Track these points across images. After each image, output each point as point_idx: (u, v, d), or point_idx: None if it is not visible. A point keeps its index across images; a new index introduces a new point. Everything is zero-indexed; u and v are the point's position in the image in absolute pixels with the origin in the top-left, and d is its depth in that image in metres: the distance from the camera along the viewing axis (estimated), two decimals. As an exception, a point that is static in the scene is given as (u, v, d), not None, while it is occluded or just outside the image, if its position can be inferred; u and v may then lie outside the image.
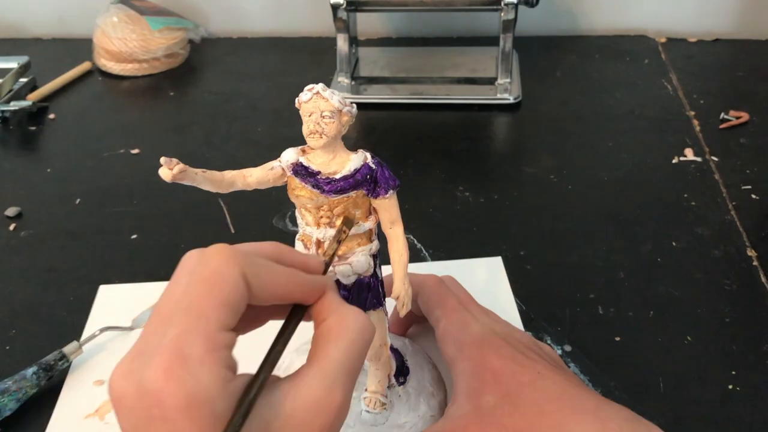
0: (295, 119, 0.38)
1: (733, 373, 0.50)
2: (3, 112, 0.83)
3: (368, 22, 0.99)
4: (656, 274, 0.59)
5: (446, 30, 1.00)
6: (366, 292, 0.41)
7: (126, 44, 0.91)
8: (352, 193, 0.38)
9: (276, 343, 0.32)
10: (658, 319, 0.55)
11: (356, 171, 0.38)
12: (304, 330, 0.34)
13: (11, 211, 0.69)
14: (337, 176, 0.38)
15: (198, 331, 0.28)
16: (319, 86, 0.37)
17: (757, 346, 0.52)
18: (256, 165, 0.38)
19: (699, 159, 0.73)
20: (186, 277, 0.29)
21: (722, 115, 0.79)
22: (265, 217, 0.67)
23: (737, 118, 0.79)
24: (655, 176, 0.71)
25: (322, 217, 0.39)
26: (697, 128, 0.78)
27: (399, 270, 0.40)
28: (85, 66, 0.94)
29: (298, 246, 0.40)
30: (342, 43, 0.84)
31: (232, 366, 0.28)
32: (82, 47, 0.96)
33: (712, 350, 0.52)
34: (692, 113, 0.81)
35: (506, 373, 0.41)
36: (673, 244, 0.62)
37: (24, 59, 0.90)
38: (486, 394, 0.40)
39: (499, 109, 0.83)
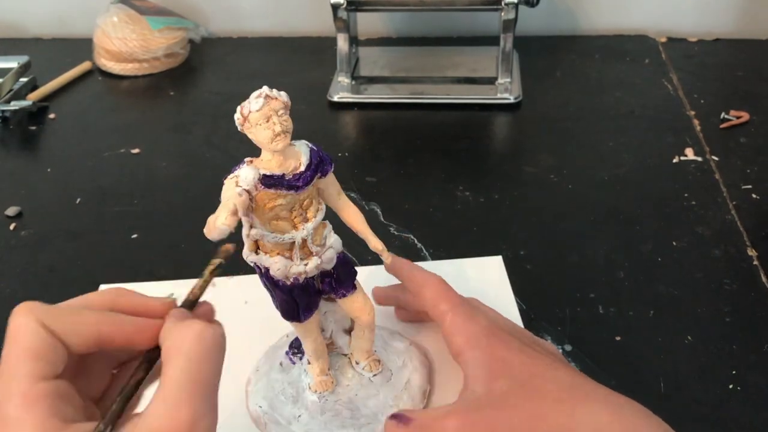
0: (296, 119, 0.38)
1: (734, 372, 0.50)
2: (3, 111, 0.83)
3: (368, 22, 0.99)
4: (656, 273, 0.59)
5: (446, 30, 1.00)
6: (347, 266, 0.43)
7: (126, 44, 0.91)
8: (315, 180, 0.39)
9: (122, 390, 0.31)
10: (659, 318, 0.55)
11: (311, 158, 0.39)
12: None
13: (11, 211, 0.69)
14: (302, 169, 0.39)
15: (11, 390, 0.28)
16: (264, 89, 0.37)
17: (758, 345, 0.52)
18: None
19: (699, 159, 0.73)
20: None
21: (723, 115, 0.79)
22: (265, 216, 0.67)
23: (738, 117, 0.79)
24: (655, 176, 0.71)
25: (296, 217, 0.39)
26: (698, 128, 0.78)
27: (366, 227, 0.43)
28: (85, 66, 0.94)
29: (277, 262, 0.40)
30: (342, 43, 0.84)
31: (63, 414, 0.28)
32: (82, 47, 0.96)
33: (712, 350, 0.52)
34: (692, 113, 0.81)
35: (516, 363, 0.41)
36: (674, 243, 0.62)
37: (24, 59, 0.90)
38: (499, 380, 0.40)
39: (499, 109, 0.83)
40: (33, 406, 0.28)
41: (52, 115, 0.85)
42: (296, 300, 0.42)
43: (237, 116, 0.38)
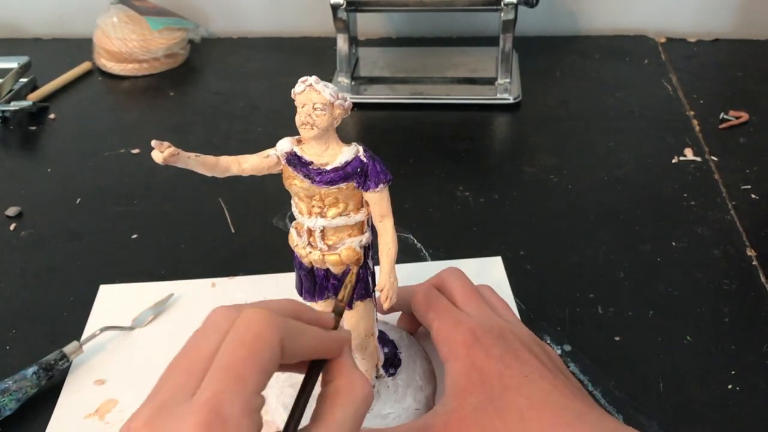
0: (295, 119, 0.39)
1: (733, 373, 0.50)
2: (3, 112, 0.83)
3: (368, 22, 0.99)
4: (656, 273, 0.59)
5: (446, 30, 1.00)
6: (355, 282, 0.41)
7: (126, 44, 0.91)
8: (343, 185, 0.39)
9: (299, 400, 0.33)
10: (658, 319, 0.55)
11: (347, 163, 0.39)
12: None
13: (11, 211, 0.69)
14: (328, 167, 0.38)
15: (237, 392, 0.28)
16: (312, 78, 0.37)
17: (757, 346, 0.52)
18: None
19: (699, 159, 0.73)
20: (218, 335, 0.30)
21: (722, 115, 0.80)
22: (265, 216, 0.67)
23: (737, 118, 0.79)
24: (655, 176, 0.71)
25: (313, 206, 0.40)
26: (697, 128, 0.78)
27: (385, 263, 0.40)
28: (85, 66, 0.94)
29: (292, 233, 0.41)
30: (342, 43, 0.84)
31: (260, 429, 0.29)
32: (82, 47, 0.96)
33: (712, 350, 0.52)
34: (692, 113, 0.81)
35: (493, 374, 0.41)
36: (673, 243, 0.62)
37: (24, 59, 0.90)
38: (470, 396, 0.41)
39: (499, 109, 0.83)
40: (250, 415, 0.28)
41: (52, 116, 0.85)
42: (301, 277, 0.43)
43: (292, 90, 0.38)
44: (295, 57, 0.96)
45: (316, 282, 0.42)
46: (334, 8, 0.81)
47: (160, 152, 0.37)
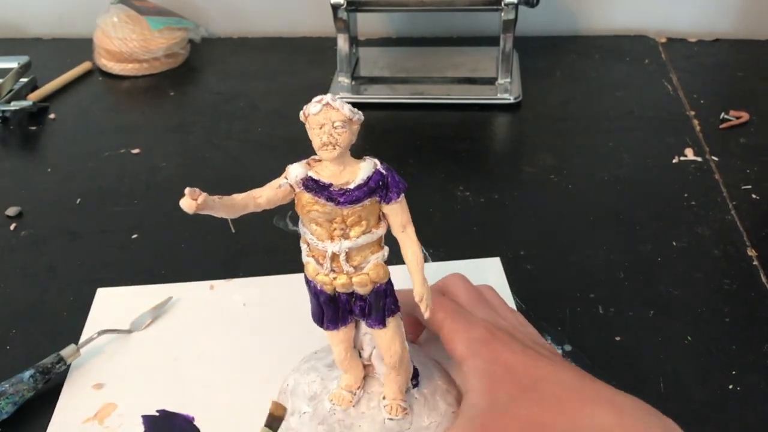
0: (295, 119, 0.38)
1: (734, 373, 0.50)
2: (3, 112, 0.83)
3: (368, 22, 0.99)
4: (656, 273, 0.59)
5: (446, 30, 1.00)
6: (384, 299, 0.40)
7: (126, 44, 0.91)
8: (367, 202, 0.38)
9: None
10: (658, 318, 0.55)
11: (369, 179, 0.37)
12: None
13: (11, 211, 0.69)
14: (351, 186, 0.37)
15: None
16: (328, 96, 0.36)
17: (758, 346, 0.52)
18: (256, 165, 0.38)
19: (699, 159, 0.73)
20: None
21: (722, 115, 0.79)
22: (266, 216, 0.66)
23: (737, 118, 0.79)
24: (655, 176, 0.71)
25: (335, 229, 0.38)
26: (698, 128, 0.78)
27: (418, 271, 0.39)
28: (85, 66, 0.94)
29: (309, 262, 0.40)
30: (342, 43, 0.84)
31: None
32: (83, 47, 0.96)
33: (712, 350, 0.52)
34: (692, 113, 0.81)
35: (518, 367, 0.41)
36: (673, 243, 0.62)
37: (24, 59, 0.90)
38: (499, 391, 0.40)
39: (500, 109, 0.83)
40: None
41: (52, 115, 0.85)
42: (322, 307, 0.41)
43: (301, 113, 0.37)
44: (295, 57, 0.96)
45: (339, 308, 0.41)
46: (335, 8, 0.81)
47: (193, 200, 0.35)
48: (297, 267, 0.41)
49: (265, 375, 0.50)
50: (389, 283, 0.40)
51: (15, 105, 0.83)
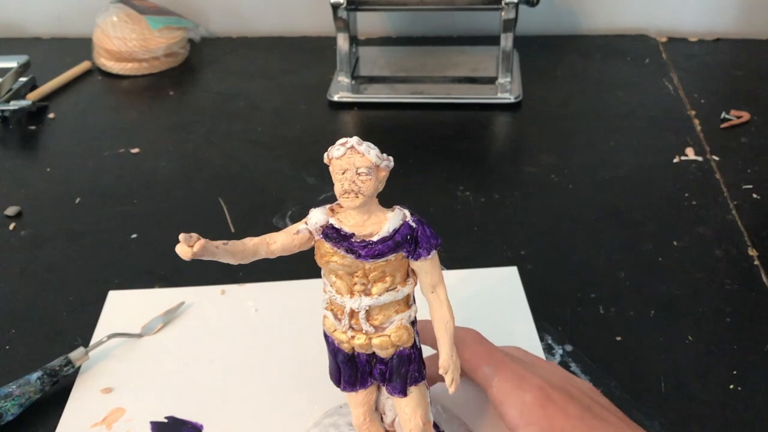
0: (296, 119, 0.38)
1: (734, 372, 0.50)
2: (3, 111, 0.83)
3: (368, 22, 0.99)
4: (657, 273, 0.59)
5: (447, 29, 1.00)
6: (407, 365, 0.37)
7: (126, 44, 0.91)
8: (391, 257, 0.34)
9: None
10: (659, 318, 0.55)
11: (395, 232, 0.34)
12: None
13: (11, 211, 0.69)
14: (375, 238, 0.34)
15: None
16: (354, 140, 0.33)
17: (758, 345, 0.52)
18: (256, 165, 0.37)
19: (700, 158, 0.73)
20: None
21: (723, 115, 0.79)
22: (266, 216, 0.67)
23: (738, 117, 0.79)
24: (655, 176, 0.71)
25: (356, 284, 0.35)
26: (698, 128, 0.78)
27: (445, 339, 0.35)
28: (84, 65, 0.94)
29: (327, 316, 0.37)
30: (342, 43, 0.84)
31: None
32: (82, 46, 0.96)
33: (712, 350, 0.52)
34: (693, 113, 0.81)
35: None
36: (674, 243, 0.62)
37: (24, 58, 0.90)
38: None
39: (500, 109, 0.83)
40: None
41: (51, 115, 0.85)
42: (339, 366, 0.38)
43: (325, 155, 0.34)
44: (295, 57, 0.96)
45: (357, 369, 0.37)
46: (335, 7, 0.80)
47: (189, 247, 0.32)
48: (299, 271, 0.39)
49: (277, 385, 0.50)
50: (415, 347, 0.37)
51: (14, 104, 0.83)
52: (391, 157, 0.34)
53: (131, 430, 0.47)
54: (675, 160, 0.73)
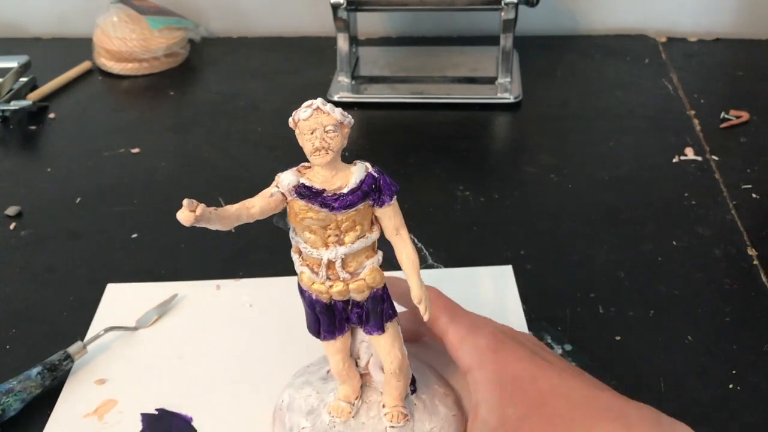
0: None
1: (734, 372, 0.50)
2: (3, 111, 0.83)
3: (368, 22, 0.99)
4: (657, 273, 0.59)
5: (446, 29, 1.00)
6: (381, 304, 0.40)
7: (126, 44, 0.91)
8: (360, 206, 0.37)
9: None
10: (659, 318, 0.55)
11: (362, 182, 0.37)
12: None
13: (11, 211, 0.69)
14: (345, 191, 0.37)
15: None
16: (318, 101, 0.36)
17: (758, 345, 0.52)
18: (256, 165, 0.38)
19: (699, 158, 0.73)
20: None
21: (723, 115, 0.79)
22: (265, 216, 0.67)
23: (737, 117, 0.79)
24: (655, 175, 0.71)
25: (329, 236, 0.38)
26: (698, 127, 0.78)
27: (414, 274, 0.39)
28: (85, 65, 0.94)
29: (303, 272, 0.39)
30: (342, 43, 0.84)
31: None
32: (82, 47, 0.96)
33: (712, 350, 0.52)
34: (692, 112, 0.81)
35: (526, 379, 0.40)
36: (674, 243, 0.62)
37: (24, 59, 0.90)
38: (509, 407, 0.39)
39: (500, 109, 0.83)
40: None
41: (52, 115, 0.85)
42: (318, 317, 0.41)
43: (290, 119, 0.37)
44: (295, 57, 0.96)
45: (335, 317, 0.40)
46: (335, 8, 0.81)
47: (191, 211, 0.35)
48: (294, 267, 0.40)
49: (269, 378, 0.50)
50: (385, 287, 0.40)
51: (15, 104, 0.83)
52: (350, 115, 0.37)
53: (122, 422, 0.48)
54: (674, 160, 0.73)
